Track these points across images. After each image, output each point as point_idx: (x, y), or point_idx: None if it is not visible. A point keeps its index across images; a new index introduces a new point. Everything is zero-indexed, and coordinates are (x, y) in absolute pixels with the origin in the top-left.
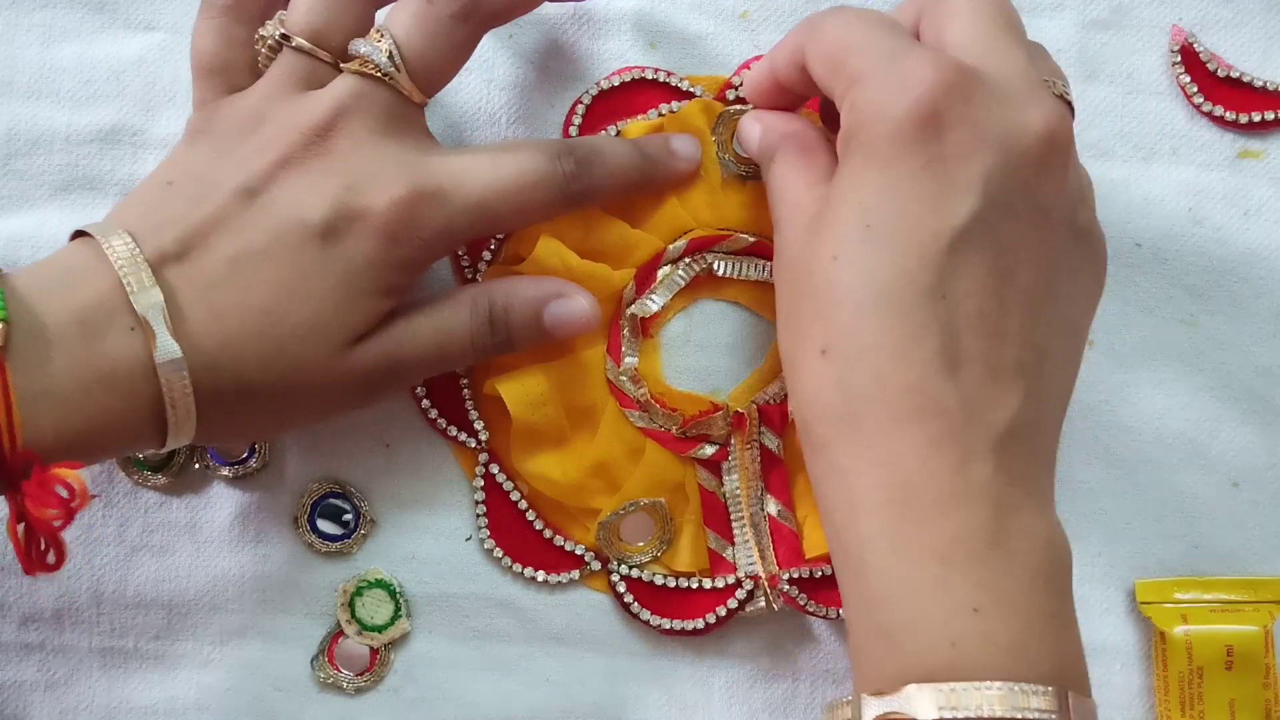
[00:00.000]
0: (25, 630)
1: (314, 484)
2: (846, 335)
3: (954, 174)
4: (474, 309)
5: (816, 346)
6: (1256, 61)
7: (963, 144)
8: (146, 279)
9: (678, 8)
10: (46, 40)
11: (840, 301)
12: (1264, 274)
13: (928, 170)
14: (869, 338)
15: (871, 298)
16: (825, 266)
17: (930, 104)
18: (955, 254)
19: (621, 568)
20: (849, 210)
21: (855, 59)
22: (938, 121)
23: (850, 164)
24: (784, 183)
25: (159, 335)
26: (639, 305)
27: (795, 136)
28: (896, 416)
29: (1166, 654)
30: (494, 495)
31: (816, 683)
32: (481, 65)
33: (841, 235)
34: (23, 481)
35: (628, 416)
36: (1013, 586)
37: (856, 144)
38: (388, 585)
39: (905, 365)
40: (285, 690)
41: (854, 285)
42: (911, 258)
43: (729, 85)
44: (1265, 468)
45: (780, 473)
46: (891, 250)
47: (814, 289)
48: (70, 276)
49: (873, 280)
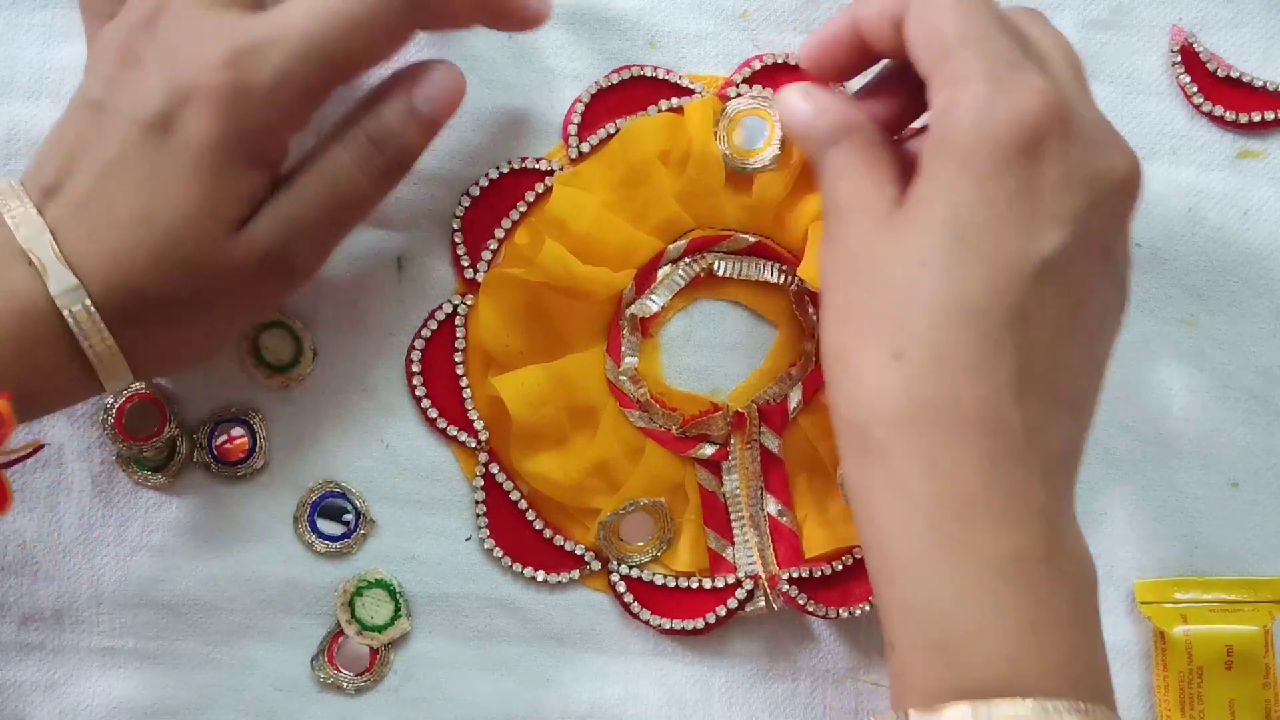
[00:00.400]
0: (25, 630)
1: (314, 484)
2: (925, 342)
3: (1047, 204)
4: (349, 142)
5: (887, 348)
6: (1256, 61)
7: (1058, 177)
8: (31, 215)
9: (678, 8)
10: (46, 40)
11: (923, 307)
12: (1264, 274)
13: (1022, 195)
14: (949, 347)
15: (959, 308)
16: (909, 270)
17: (1037, 131)
18: (1040, 282)
19: (621, 568)
20: (941, 217)
21: (965, 53)
22: (1039, 149)
23: (944, 169)
24: (851, 172)
25: (49, 264)
26: (639, 305)
27: (862, 128)
28: (964, 429)
29: (1166, 654)
30: (494, 495)
31: (816, 683)
32: (481, 65)
33: (932, 242)
34: None
35: (628, 416)
36: (1062, 604)
37: (953, 150)
38: (388, 585)
39: (981, 380)
40: (285, 690)
41: (940, 294)
42: (1000, 277)
43: (729, 84)
44: (1265, 468)
45: (780, 473)
46: (983, 267)
47: (890, 289)
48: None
49: (960, 292)
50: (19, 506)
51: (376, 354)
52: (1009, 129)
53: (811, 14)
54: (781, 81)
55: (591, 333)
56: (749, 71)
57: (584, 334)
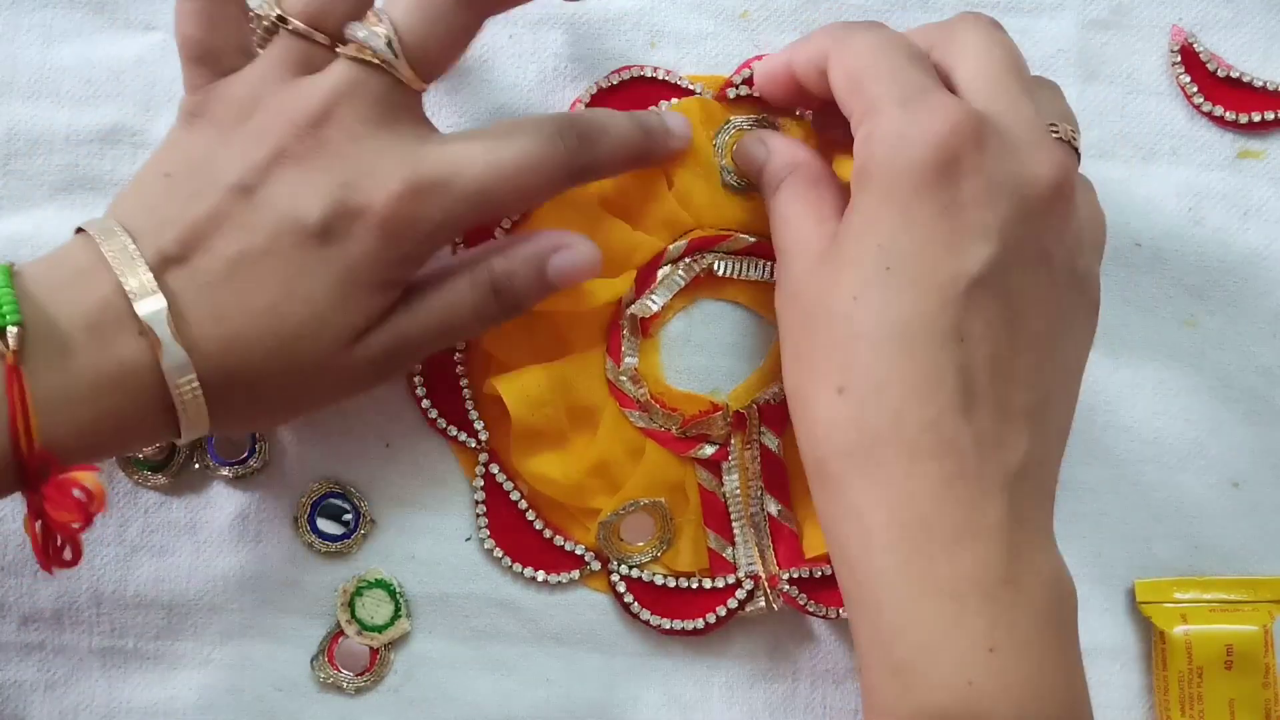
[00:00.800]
0: (25, 630)
1: (314, 484)
2: (865, 373)
3: (969, 220)
4: (474, 282)
5: (832, 384)
6: (1256, 61)
7: (978, 191)
8: (149, 284)
9: (678, 8)
10: (46, 40)
11: (859, 340)
12: (1264, 274)
13: (944, 215)
14: (888, 376)
15: (892, 337)
16: (844, 305)
17: (948, 150)
18: (971, 298)
19: (621, 568)
20: (867, 250)
21: (876, 87)
22: (955, 168)
23: (866, 201)
24: (790, 214)
25: (164, 341)
26: (639, 305)
27: (804, 168)
28: (913, 454)
29: (1166, 653)
30: (494, 495)
31: (816, 682)
32: (481, 65)
33: (861, 275)
34: (41, 484)
35: (628, 416)
36: (1026, 625)
37: (872, 181)
38: (388, 585)
39: (924, 404)
40: (285, 690)
41: (874, 325)
42: (931, 300)
43: (729, 84)
44: (1265, 468)
45: (780, 473)
46: (912, 292)
47: (829, 326)
48: (76, 278)
49: (894, 320)
50: (19, 506)
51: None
52: (921, 153)
53: (811, 14)
54: None
55: (592, 333)
56: (749, 72)
57: (584, 334)
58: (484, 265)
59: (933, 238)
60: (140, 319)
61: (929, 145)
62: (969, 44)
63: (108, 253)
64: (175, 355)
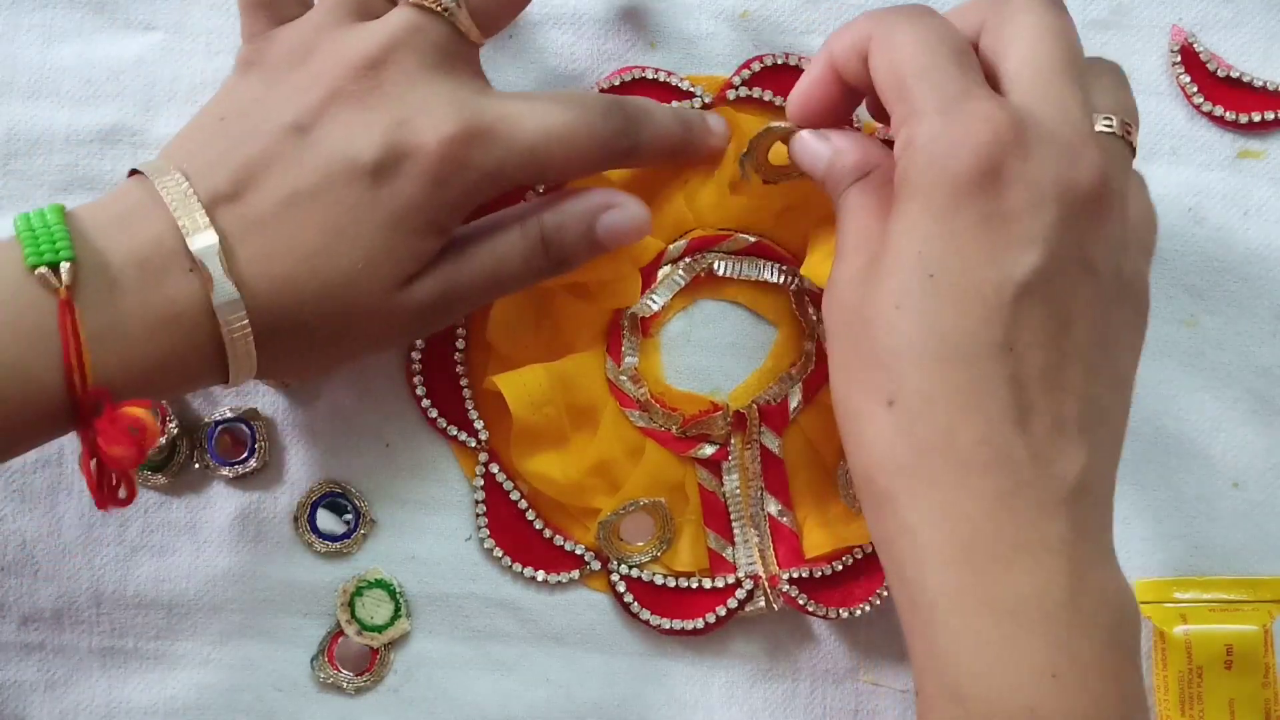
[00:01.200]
0: (25, 630)
1: (314, 484)
2: (914, 386)
3: (1013, 229)
4: (525, 233)
5: (881, 397)
6: (1256, 61)
7: (1021, 199)
8: (201, 220)
9: (678, 8)
10: (46, 40)
11: (904, 352)
12: (1264, 274)
13: (987, 224)
14: (937, 389)
15: (937, 349)
16: (887, 315)
17: (990, 160)
18: (1018, 307)
19: (621, 567)
20: (909, 259)
21: (920, 87)
22: (996, 176)
23: (907, 210)
24: (858, 216)
25: (215, 277)
26: (640, 305)
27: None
28: (966, 469)
29: (1166, 653)
30: (494, 495)
31: (816, 683)
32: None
33: (904, 284)
34: (95, 419)
35: (628, 416)
36: (1089, 649)
37: (914, 189)
38: (388, 585)
39: (975, 417)
40: (285, 690)
41: (919, 336)
42: (976, 310)
43: (729, 85)
44: (1265, 468)
45: (780, 473)
46: (956, 302)
47: (874, 337)
48: (128, 216)
49: (938, 331)
50: (19, 506)
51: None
52: (962, 161)
53: (811, 14)
54: (781, 82)
55: (592, 332)
56: (749, 73)
57: (585, 334)
58: (534, 218)
59: (976, 247)
60: (192, 254)
61: (970, 154)
62: (1020, 30)
63: (161, 189)
64: (226, 292)
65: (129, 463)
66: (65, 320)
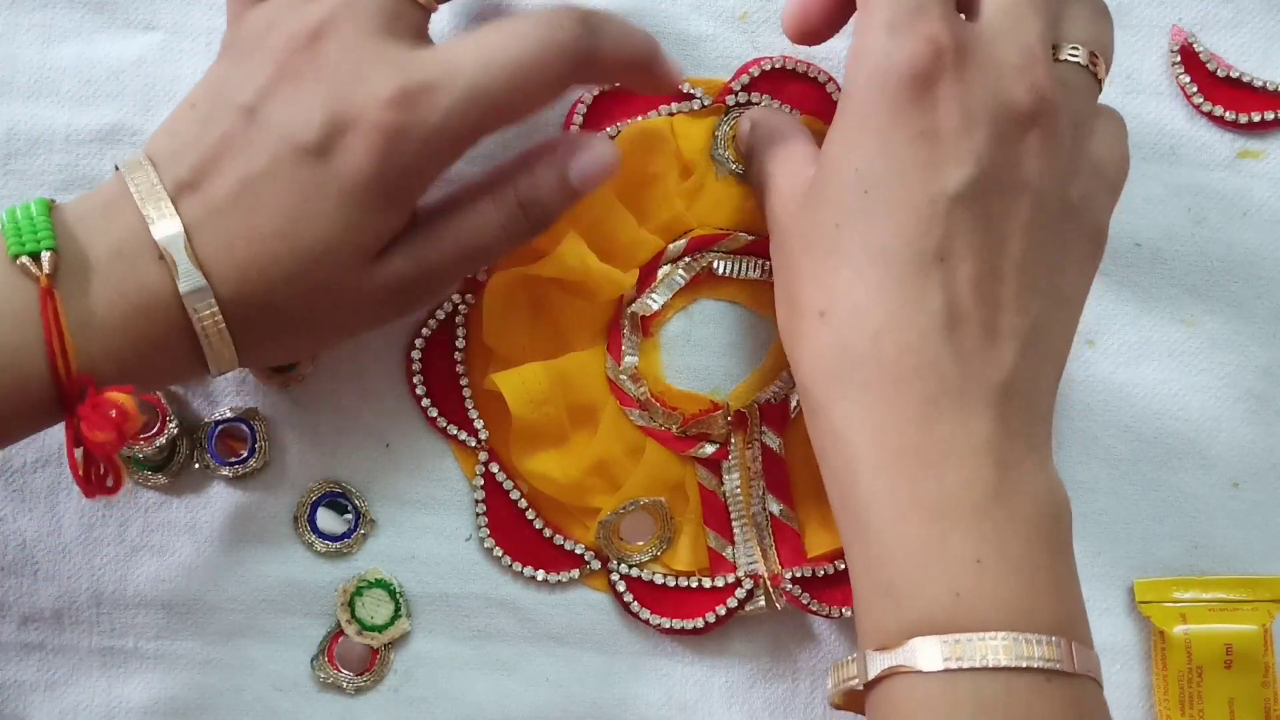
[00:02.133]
0: (25, 630)
1: (314, 484)
2: (845, 297)
3: (946, 145)
4: (500, 202)
5: (815, 309)
6: (1256, 61)
7: (954, 116)
8: (166, 209)
9: (678, 8)
10: (46, 40)
11: (840, 265)
12: (1264, 274)
13: (921, 139)
14: (867, 299)
15: (872, 260)
16: (827, 235)
17: (924, 75)
18: (951, 219)
19: (621, 567)
20: (846, 175)
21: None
22: (932, 92)
23: (844, 124)
24: (768, 170)
25: (180, 265)
26: (639, 304)
27: (780, 130)
28: (895, 376)
29: (1166, 653)
30: (494, 495)
31: (816, 682)
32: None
33: (841, 201)
34: (78, 405)
35: (628, 415)
36: (1015, 539)
37: (851, 103)
38: (388, 585)
39: (904, 326)
40: (285, 690)
41: (855, 249)
42: (910, 222)
43: (728, 90)
44: (1265, 468)
45: (781, 472)
46: (891, 215)
47: (814, 257)
48: (106, 208)
49: (873, 243)
50: (19, 506)
51: (376, 353)
52: (898, 77)
53: None
54: (781, 85)
55: (592, 331)
56: (748, 78)
57: (585, 332)
58: (506, 185)
59: (910, 161)
60: (158, 244)
61: (906, 70)
62: None
63: (129, 181)
64: (192, 280)
65: (110, 447)
66: (47, 307)
